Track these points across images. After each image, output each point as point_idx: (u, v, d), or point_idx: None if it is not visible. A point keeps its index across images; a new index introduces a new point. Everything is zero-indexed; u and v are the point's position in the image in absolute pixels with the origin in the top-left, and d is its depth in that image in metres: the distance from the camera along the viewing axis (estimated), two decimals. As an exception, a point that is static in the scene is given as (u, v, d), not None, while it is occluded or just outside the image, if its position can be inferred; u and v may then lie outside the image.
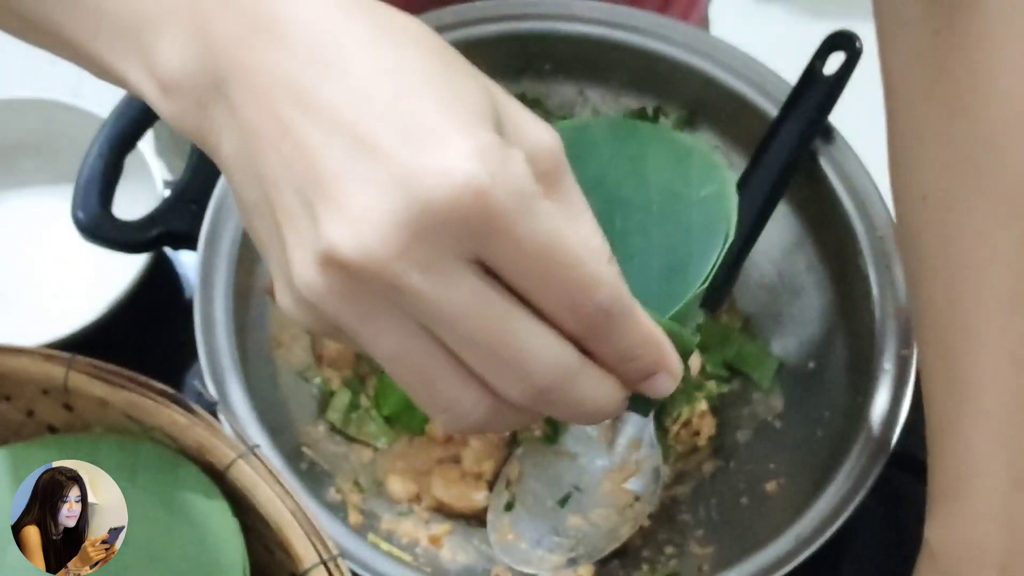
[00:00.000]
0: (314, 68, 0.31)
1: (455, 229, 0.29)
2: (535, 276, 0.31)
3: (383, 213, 0.29)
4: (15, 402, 0.51)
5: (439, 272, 0.30)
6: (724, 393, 0.68)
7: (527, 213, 0.30)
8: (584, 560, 0.62)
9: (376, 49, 0.31)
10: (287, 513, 0.46)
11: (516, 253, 0.30)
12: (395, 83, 0.31)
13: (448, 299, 0.30)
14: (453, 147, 0.29)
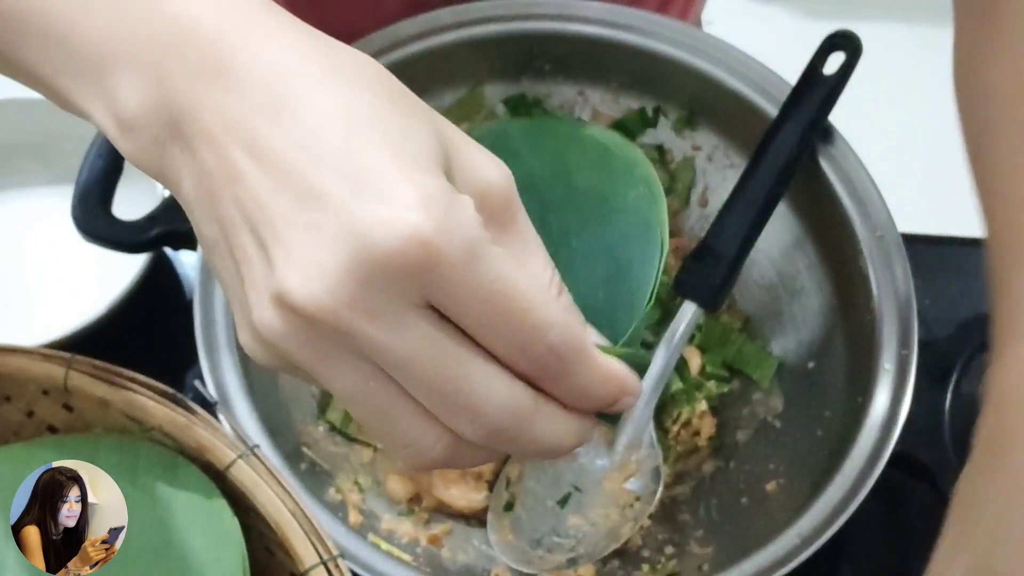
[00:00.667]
0: (265, 113, 0.31)
1: (402, 278, 0.30)
2: (484, 321, 0.31)
3: (330, 263, 0.30)
4: (15, 402, 0.51)
5: (388, 319, 0.30)
6: (724, 393, 0.68)
7: (473, 261, 0.30)
8: (584, 560, 0.62)
9: (327, 93, 0.32)
10: (287, 513, 0.46)
11: (463, 299, 0.31)
12: (343, 129, 0.31)
13: (398, 344, 0.31)
14: (399, 197, 0.30)
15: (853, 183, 0.64)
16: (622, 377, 0.35)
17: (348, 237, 0.30)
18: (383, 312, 0.30)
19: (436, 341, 0.31)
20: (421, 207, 0.30)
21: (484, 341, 0.32)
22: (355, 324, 0.30)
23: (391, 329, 0.31)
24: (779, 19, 1.90)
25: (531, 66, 0.69)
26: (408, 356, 0.31)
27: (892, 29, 1.87)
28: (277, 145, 0.31)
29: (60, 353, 0.49)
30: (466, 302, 0.31)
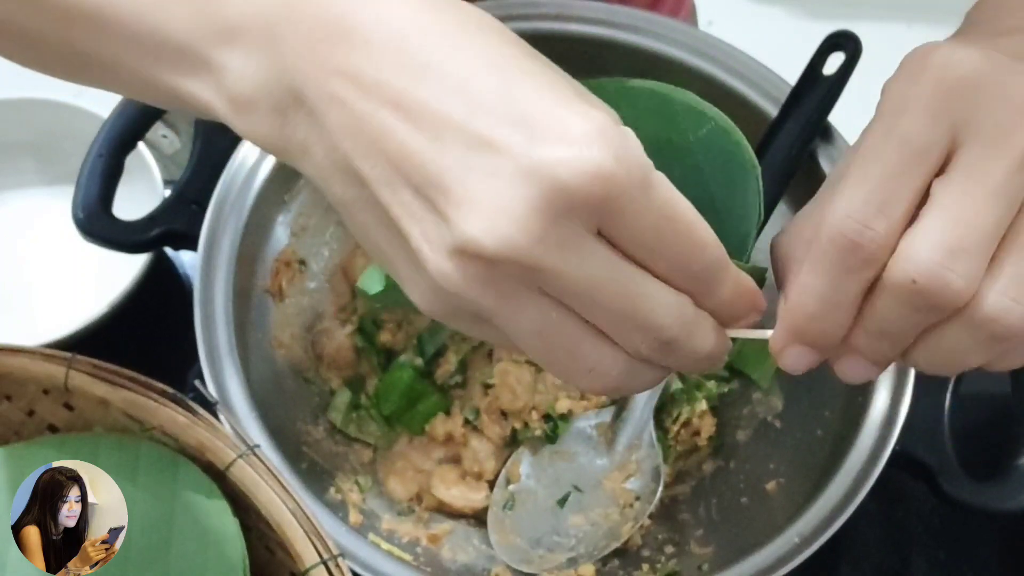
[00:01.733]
0: (405, 70, 0.32)
1: (586, 210, 0.31)
2: (655, 243, 0.33)
3: (517, 206, 0.31)
4: (16, 402, 0.51)
5: (573, 250, 0.32)
6: (724, 393, 0.68)
7: (647, 188, 0.32)
8: (584, 559, 0.62)
9: (465, 44, 0.32)
10: (287, 513, 0.46)
11: (639, 225, 0.32)
12: (495, 76, 0.32)
13: (583, 273, 0.32)
14: (574, 133, 0.31)
15: (853, 183, 0.64)
16: (755, 291, 0.36)
17: (531, 178, 0.31)
18: (568, 245, 0.31)
19: (615, 265, 0.33)
20: (598, 141, 0.31)
21: (650, 261, 0.33)
22: (544, 259, 0.31)
23: (576, 260, 0.32)
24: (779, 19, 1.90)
25: (531, 66, 0.68)
26: (591, 282, 0.32)
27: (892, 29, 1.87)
28: (428, 100, 0.31)
29: (61, 353, 0.49)
30: (641, 227, 0.32)
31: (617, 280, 0.33)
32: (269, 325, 0.64)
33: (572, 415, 0.66)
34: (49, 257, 0.77)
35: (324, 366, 0.67)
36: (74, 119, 0.76)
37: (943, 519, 0.68)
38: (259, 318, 0.63)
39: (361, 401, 0.66)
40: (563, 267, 0.32)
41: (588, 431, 0.66)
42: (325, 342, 0.67)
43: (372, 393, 0.67)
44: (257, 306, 0.63)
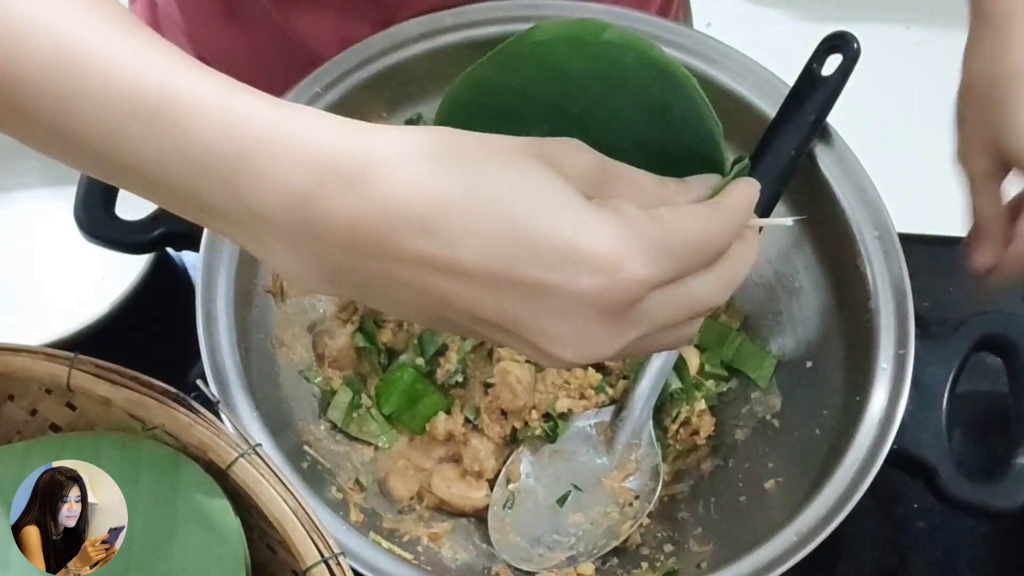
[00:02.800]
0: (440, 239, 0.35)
1: (636, 298, 0.37)
2: (687, 265, 0.39)
3: (591, 332, 0.37)
4: (18, 401, 0.51)
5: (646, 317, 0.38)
6: (723, 392, 0.68)
7: (666, 255, 0.37)
8: (584, 558, 0.62)
9: (476, 194, 0.36)
10: (289, 511, 0.47)
11: (676, 270, 0.38)
12: (513, 223, 0.36)
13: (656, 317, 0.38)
14: (602, 260, 0.36)
15: (851, 183, 0.64)
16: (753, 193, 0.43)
17: (591, 308, 0.36)
18: (639, 320, 0.38)
19: (673, 299, 0.39)
20: (626, 261, 0.36)
21: (693, 272, 0.39)
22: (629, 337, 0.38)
23: (647, 318, 0.38)
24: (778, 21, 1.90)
25: (531, 67, 0.69)
26: (664, 319, 0.39)
27: (890, 30, 1.87)
28: (467, 259, 0.35)
29: (63, 352, 0.49)
30: (677, 270, 0.38)
31: (678, 309, 0.39)
32: (270, 325, 0.64)
33: (572, 414, 0.66)
34: (52, 257, 0.77)
35: (325, 366, 0.67)
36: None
37: (941, 518, 0.69)
38: (260, 318, 0.63)
39: (362, 400, 0.67)
40: (644, 327, 0.38)
41: (588, 430, 0.66)
42: (326, 342, 0.67)
43: (373, 392, 0.67)
44: (259, 306, 0.63)
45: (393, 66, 0.66)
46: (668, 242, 0.37)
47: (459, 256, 0.35)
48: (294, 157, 0.36)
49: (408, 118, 0.68)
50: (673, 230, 0.38)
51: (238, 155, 0.36)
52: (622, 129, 0.43)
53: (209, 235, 0.61)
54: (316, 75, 0.65)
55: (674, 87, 0.41)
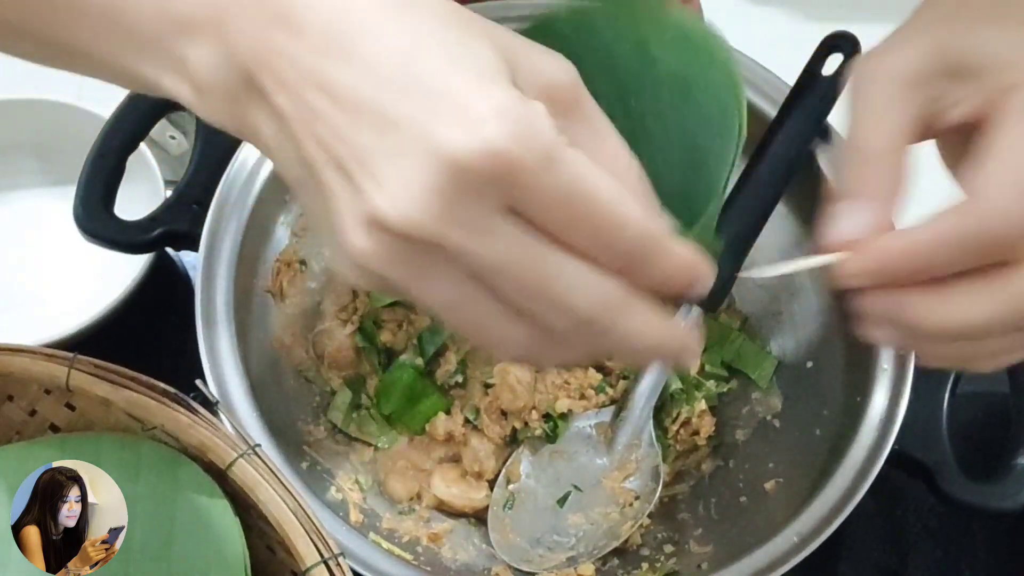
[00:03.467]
0: (332, 54, 0.33)
1: (485, 188, 0.32)
2: (566, 222, 0.33)
3: (417, 183, 0.31)
4: (17, 401, 0.51)
5: (477, 228, 0.32)
6: (723, 392, 0.68)
7: (550, 165, 0.32)
8: (584, 558, 0.62)
9: (386, 25, 0.33)
10: (288, 512, 0.46)
11: (545, 203, 0.32)
12: (407, 57, 0.32)
13: (488, 251, 0.32)
14: (472, 111, 0.31)
15: (852, 183, 0.64)
16: (696, 263, 0.36)
17: (430, 156, 0.31)
18: (472, 222, 0.32)
19: (523, 244, 0.33)
20: (495, 118, 0.31)
21: (569, 240, 0.33)
22: (447, 236, 0.32)
23: (480, 237, 0.32)
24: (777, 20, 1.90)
25: (531, 67, 0.69)
26: (498, 260, 0.33)
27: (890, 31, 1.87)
28: (348, 82, 0.32)
29: (62, 352, 0.49)
30: (548, 206, 0.32)
31: (525, 260, 0.33)
32: (270, 325, 0.64)
33: (572, 415, 0.66)
34: (51, 257, 0.77)
35: (325, 366, 0.67)
36: (76, 120, 0.76)
37: (941, 518, 0.68)
38: (260, 318, 0.63)
39: (362, 401, 0.67)
40: (468, 245, 0.32)
41: (588, 430, 0.66)
42: (326, 342, 0.67)
43: (373, 393, 0.67)
44: (258, 306, 0.63)
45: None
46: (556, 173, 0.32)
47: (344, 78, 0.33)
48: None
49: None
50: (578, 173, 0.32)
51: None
52: (655, 110, 0.42)
53: (209, 235, 0.61)
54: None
55: (716, 83, 0.40)
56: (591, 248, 0.34)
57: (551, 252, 0.33)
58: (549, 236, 0.33)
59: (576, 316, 0.34)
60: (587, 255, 0.34)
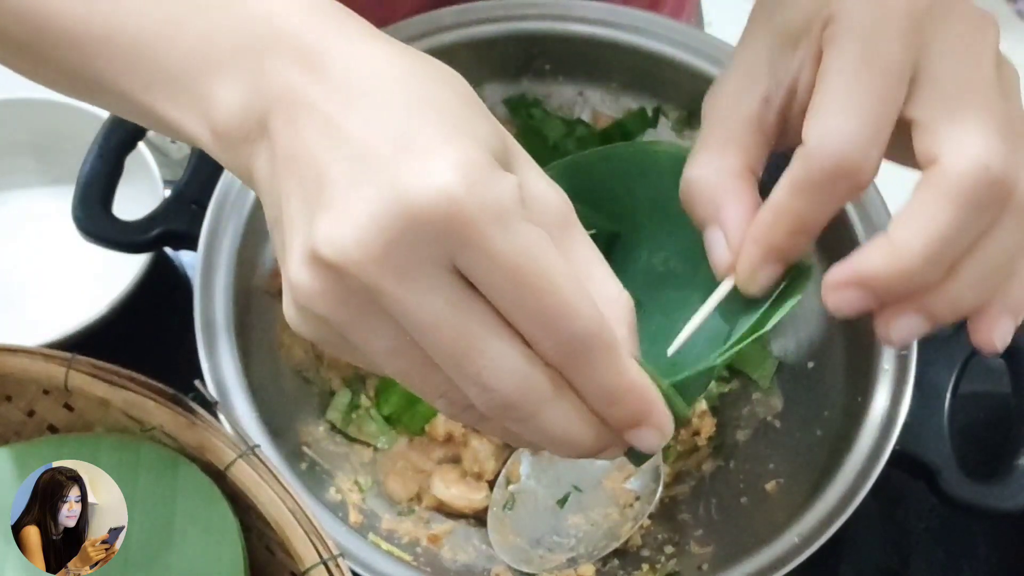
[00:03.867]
0: (344, 99, 0.32)
1: (430, 235, 0.30)
2: (509, 293, 0.31)
3: (361, 214, 0.30)
4: (16, 402, 0.51)
5: (414, 278, 0.31)
6: (724, 393, 0.68)
7: (502, 229, 0.30)
8: (584, 559, 0.62)
9: (405, 85, 0.33)
10: (287, 513, 0.46)
11: (491, 267, 0.31)
12: (410, 110, 0.32)
13: (419, 305, 0.31)
14: (439, 157, 0.30)
15: (853, 183, 0.64)
16: (649, 397, 0.34)
17: (383, 190, 0.30)
18: (409, 270, 0.30)
19: (457, 307, 0.31)
20: (458, 168, 0.30)
21: (509, 316, 0.32)
22: (381, 279, 0.30)
23: (415, 288, 0.31)
24: (779, 19, 1.90)
25: (531, 66, 0.69)
26: (427, 319, 0.31)
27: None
28: (348, 124, 0.32)
29: (61, 353, 0.49)
30: (492, 269, 0.31)
31: (454, 324, 0.31)
32: (269, 325, 0.64)
33: (572, 415, 0.66)
34: (49, 257, 0.77)
35: (324, 366, 0.67)
36: (75, 119, 0.76)
37: (943, 519, 0.68)
38: (259, 318, 0.63)
39: (361, 401, 0.66)
40: (401, 293, 0.31)
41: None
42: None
43: (372, 393, 0.67)
44: (257, 306, 0.63)
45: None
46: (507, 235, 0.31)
47: (348, 122, 0.32)
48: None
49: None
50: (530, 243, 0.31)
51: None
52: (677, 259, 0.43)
53: (208, 235, 0.60)
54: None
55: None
56: (530, 329, 0.32)
57: (484, 323, 0.32)
58: (490, 309, 0.32)
59: (494, 397, 0.32)
60: (527, 337, 0.32)
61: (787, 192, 0.36)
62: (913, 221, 0.35)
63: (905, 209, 0.36)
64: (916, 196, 0.36)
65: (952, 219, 0.35)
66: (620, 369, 0.33)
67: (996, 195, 0.35)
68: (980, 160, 0.35)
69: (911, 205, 0.36)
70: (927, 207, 0.35)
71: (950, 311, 0.37)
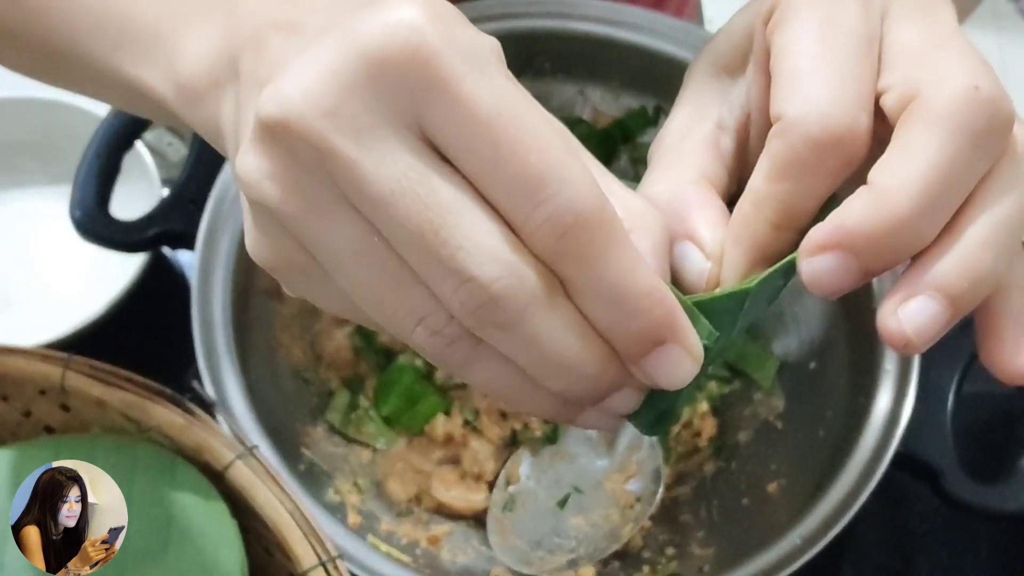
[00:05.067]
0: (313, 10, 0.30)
1: (390, 86, 0.26)
2: (486, 154, 0.26)
3: (311, 68, 0.26)
4: (12, 402, 0.51)
5: (373, 136, 0.26)
6: (725, 393, 0.68)
7: (477, 69, 0.26)
8: (584, 561, 0.62)
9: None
10: (286, 514, 0.46)
11: (462, 119, 0.26)
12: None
13: (378, 171, 0.26)
14: (401, 4, 0.26)
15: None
16: (668, 303, 0.27)
17: (337, 41, 0.26)
18: (366, 126, 0.26)
19: (424, 173, 0.26)
20: (423, 10, 0.26)
21: (487, 190, 0.26)
22: (332, 135, 0.26)
23: (374, 149, 0.26)
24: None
25: (531, 65, 0.68)
26: (387, 188, 0.26)
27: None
28: (309, 21, 0.29)
29: (57, 353, 0.49)
30: (465, 123, 0.26)
31: (420, 195, 0.25)
32: (267, 325, 0.64)
33: (572, 416, 0.65)
34: (47, 256, 0.77)
35: (323, 367, 0.67)
36: (74, 119, 0.76)
37: (946, 520, 0.68)
38: (257, 318, 0.63)
39: (360, 402, 0.66)
40: (357, 154, 0.25)
41: (588, 432, 0.66)
42: (324, 342, 0.66)
43: (371, 394, 0.67)
44: (255, 306, 0.63)
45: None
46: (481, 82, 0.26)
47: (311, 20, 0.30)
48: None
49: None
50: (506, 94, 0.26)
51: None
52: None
53: (206, 234, 0.60)
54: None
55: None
56: (514, 204, 0.26)
57: (457, 194, 0.26)
58: (464, 179, 0.26)
59: (472, 288, 0.26)
60: (509, 218, 0.26)
61: (767, 177, 0.30)
62: (897, 160, 0.28)
63: (887, 152, 0.29)
64: (897, 135, 0.29)
65: (944, 150, 0.28)
66: (629, 264, 0.26)
67: (991, 120, 0.28)
68: (968, 81, 0.28)
69: (892, 146, 0.29)
70: (912, 142, 0.28)
71: (969, 282, 0.29)
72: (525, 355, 0.27)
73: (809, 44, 0.30)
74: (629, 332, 0.27)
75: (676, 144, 0.35)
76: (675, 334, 0.27)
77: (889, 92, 0.30)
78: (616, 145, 0.69)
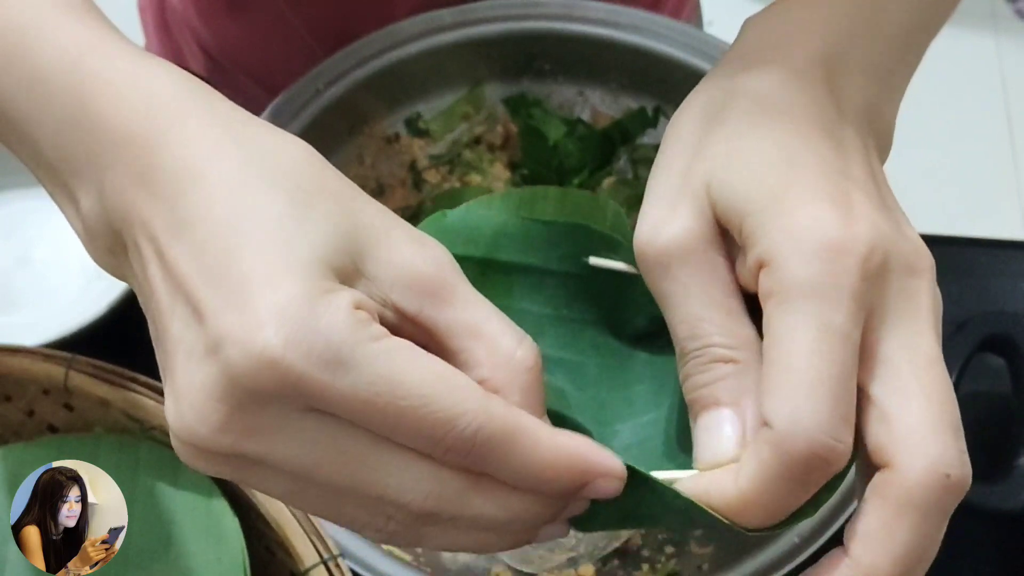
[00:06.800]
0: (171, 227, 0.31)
1: (269, 395, 0.28)
2: (376, 423, 0.29)
3: (198, 394, 0.29)
4: (16, 402, 0.51)
5: (272, 432, 0.29)
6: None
7: (338, 369, 0.28)
8: (584, 559, 0.62)
9: (224, 201, 0.30)
10: (287, 512, 0.46)
11: (343, 408, 0.28)
12: (228, 239, 0.30)
13: (288, 453, 0.29)
14: (253, 311, 0.28)
15: (853, 183, 0.64)
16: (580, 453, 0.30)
17: (211, 359, 0.29)
18: (262, 428, 0.29)
19: (332, 441, 0.29)
20: (271, 322, 0.28)
21: (391, 438, 0.29)
22: (239, 444, 0.29)
23: (277, 441, 0.29)
24: (779, 19, 1.90)
25: (531, 66, 0.69)
26: (304, 462, 0.29)
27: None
28: (175, 257, 0.30)
29: (60, 353, 0.49)
30: (346, 409, 0.28)
31: (336, 456, 0.29)
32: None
33: (572, 415, 0.66)
34: (49, 256, 0.77)
35: (324, 366, 0.67)
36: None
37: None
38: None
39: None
40: (265, 449, 0.29)
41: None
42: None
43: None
44: (257, 306, 0.63)
45: (393, 64, 0.66)
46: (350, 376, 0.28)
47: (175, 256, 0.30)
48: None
49: (407, 116, 0.68)
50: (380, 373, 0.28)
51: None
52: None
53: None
54: (316, 73, 0.64)
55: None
56: (417, 447, 0.29)
57: (368, 447, 0.29)
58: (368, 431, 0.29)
59: (409, 512, 0.30)
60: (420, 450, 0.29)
61: (758, 481, 0.32)
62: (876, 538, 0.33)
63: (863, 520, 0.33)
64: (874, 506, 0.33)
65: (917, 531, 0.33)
66: (534, 447, 0.30)
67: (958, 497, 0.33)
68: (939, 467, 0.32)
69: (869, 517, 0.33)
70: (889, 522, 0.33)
71: None
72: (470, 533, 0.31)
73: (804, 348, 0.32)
74: (555, 491, 0.31)
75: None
76: (593, 473, 0.31)
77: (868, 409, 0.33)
78: (615, 146, 0.69)
